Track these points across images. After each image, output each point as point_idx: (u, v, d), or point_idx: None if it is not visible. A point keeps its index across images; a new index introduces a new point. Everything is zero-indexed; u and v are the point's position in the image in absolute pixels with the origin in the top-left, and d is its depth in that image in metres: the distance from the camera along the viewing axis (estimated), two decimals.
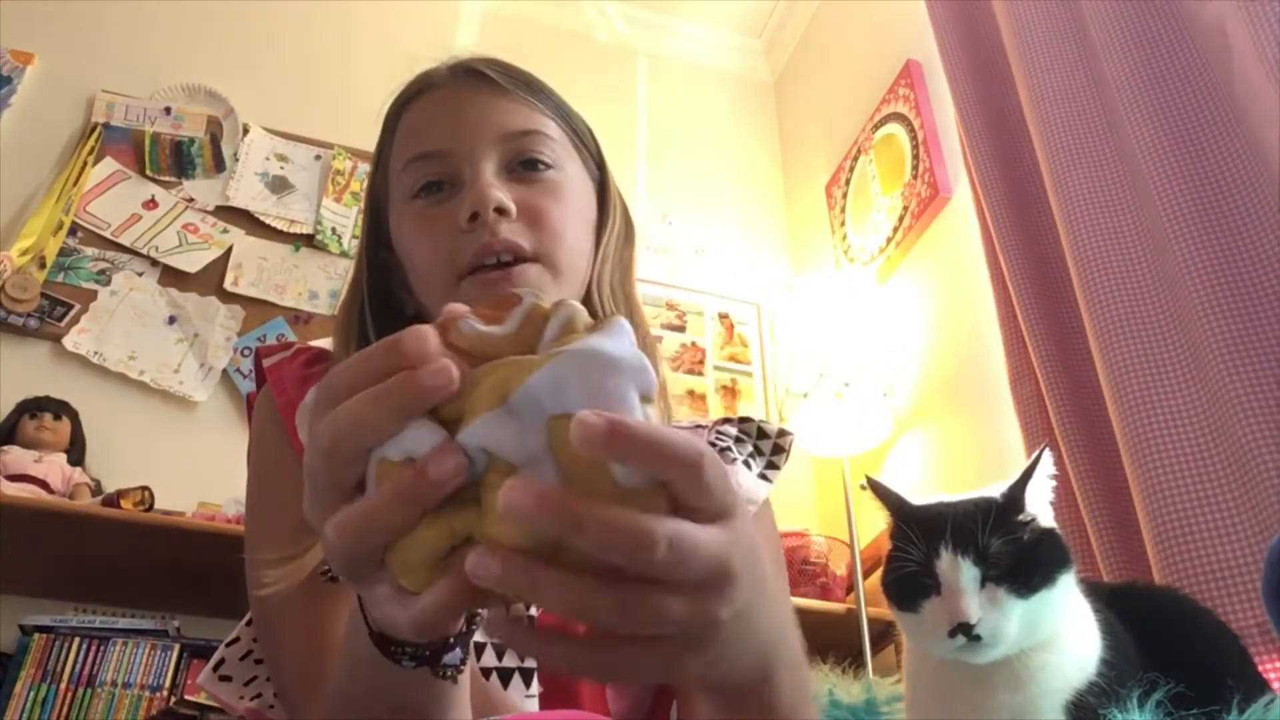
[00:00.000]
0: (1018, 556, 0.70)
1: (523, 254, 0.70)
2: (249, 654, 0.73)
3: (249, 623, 0.74)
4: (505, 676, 0.65)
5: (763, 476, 0.81)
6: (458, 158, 0.73)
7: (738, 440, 0.82)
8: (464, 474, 0.34)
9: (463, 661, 0.43)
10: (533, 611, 0.67)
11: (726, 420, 0.85)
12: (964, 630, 0.68)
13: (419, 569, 0.35)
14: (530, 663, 0.66)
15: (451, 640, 0.43)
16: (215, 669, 0.73)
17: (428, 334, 0.35)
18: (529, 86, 0.78)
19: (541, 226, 0.71)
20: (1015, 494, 0.75)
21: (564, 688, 0.67)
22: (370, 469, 0.35)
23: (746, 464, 0.80)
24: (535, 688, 0.65)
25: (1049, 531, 0.72)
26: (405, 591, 0.36)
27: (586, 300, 0.76)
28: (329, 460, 0.35)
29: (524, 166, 0.74)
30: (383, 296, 0.77)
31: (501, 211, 0.69)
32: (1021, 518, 0.73)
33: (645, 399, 0.35)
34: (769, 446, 0.83)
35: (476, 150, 0.72)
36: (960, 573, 0.70)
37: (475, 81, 0.76)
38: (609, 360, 0.34)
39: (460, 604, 0.34)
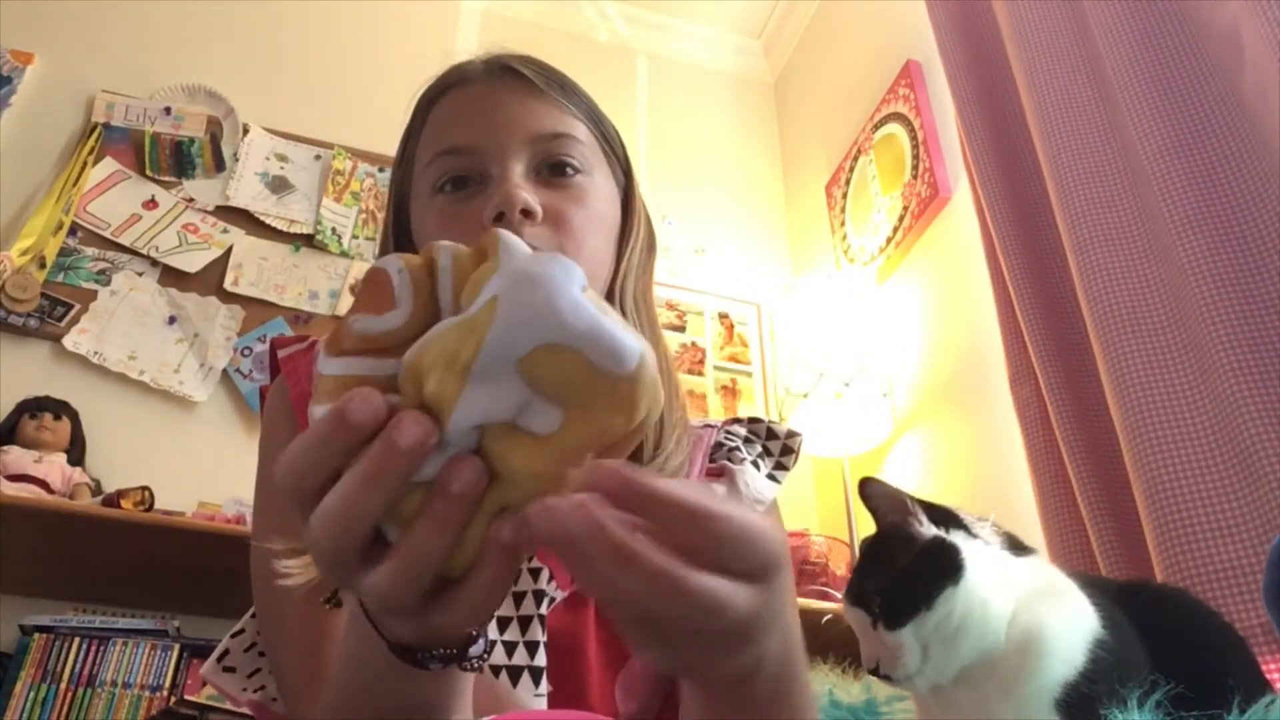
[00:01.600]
0: (886, 591, 0.70)
1: None
2: (253, 646, 0.73)
3: (254, 614, 0.73)
4: (514, 675, 0.65)
5: (771, 477, 0.80)
6: (486, 155, 0.72)
7: (746, 440, 0.82)
8: (485, 477, 0.34)
9: (487, 650, 0.43)
10: (542, 612, 0.67)
11: (735, 420, 0.84)
12: (875, 674, 0.69)
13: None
14: (539, 661, 0.66)
15: (474, 633, 0.43)
16: (219, 660, 0.73)
17: (371, 395, 0.33)
18: (563, 88, 0.78)
19: (565, 232, 0.70)
20: (877, 534, 0.75)
21: (573, 687, 0.66)
22: None
23: (755, 464, 0.79)
24: (544, 686, 0.65)
25: (920, 553, 0.70)
26: (440, 598, 0.36)
27: None
28: (339, 550, 0.34)
29: (551, 170, 0.73)
30: None
31: (527, 214, 0.69)
32: (891, 552, 0.72)
33: (584, 289, 0.34)
34: (778, 447, 0.83)
35: (506, 149, 0.72)
36: (855, 622, 0.72)
37: (509, 79, 0.76)
38: (544, 279, 0.33)
39: (507, 581, 0.34)
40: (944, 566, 0.69)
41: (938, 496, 2.16)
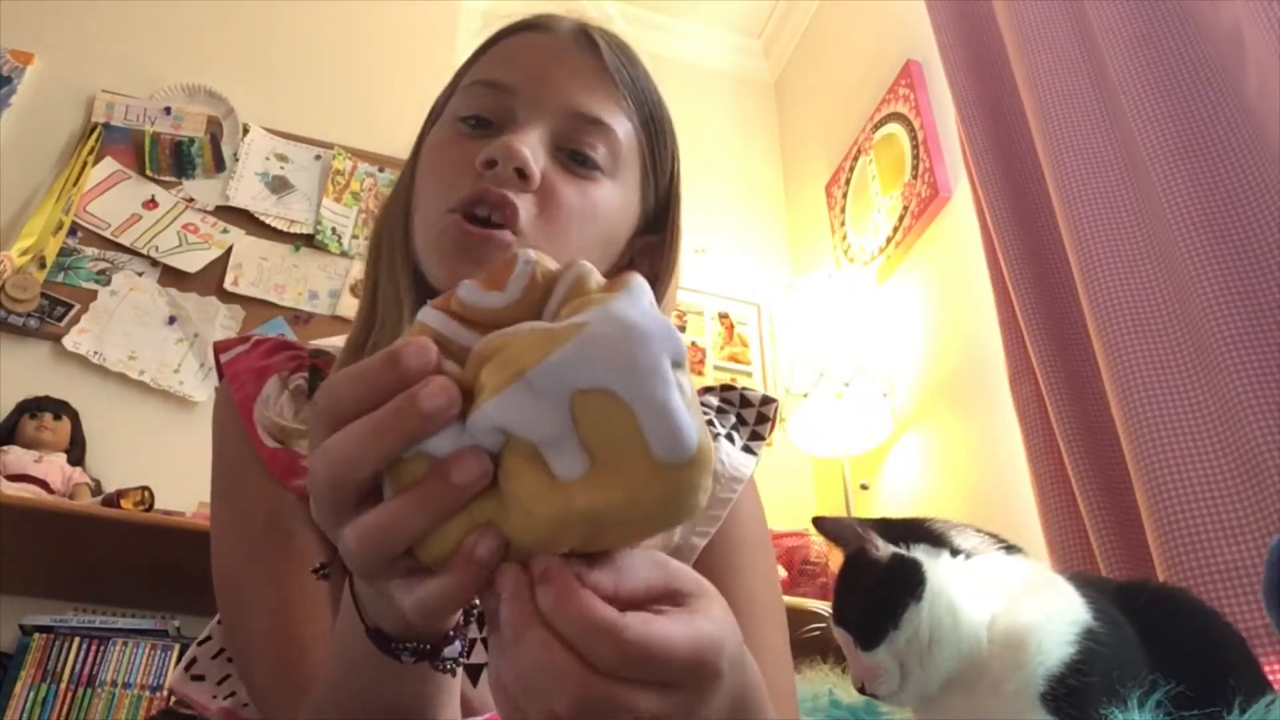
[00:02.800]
0: (858, 615, 0.71)
1: (514, 223, 0.64)
2: (221, 652, 0.72)
3: (220, 620, 0.72)
4: (473, 673, 0.64)
5: (747, 449, 0.77)
6: (519, 101, 0.68)
7: (720, 411, 0.79)
8: (488, 478, 0.33)
9: (462, 654, 0.43)
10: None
11: (708, 389, 0.81)
12: (863, 693, 0.70)
13: (447, 559, 0.34)
14: None
15: (451, 634, 0.42)
16: (187, 669, 0.71)
17: (428, 348, 0.33)
18: (631, 81, 0.73)
19: (549, 214, 0.65)
20: (845, 560, 0.75)
21: None
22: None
23: (729, 437, 0.77)
24: None
25: (881, 574, 0.71)
26: (403, 577, 0.35)
27: None
28: (334, 489, 0.34)
29: (571, 156, 0.68)
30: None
31: (522, 175, 0.64)
32: (858, 575, 0.73)
33: (677, 365, 0.33)
34: (753, 415, 0.79)
35: (539, 106, 0.68)
36: (841, 641, 0.72)
37: (585, 46, 0.72)
38: (640, 332, 0.32)
39: (465, 594, 0.34)
40: (904, 585, 0.69)
41: (938, 496, 2.16)
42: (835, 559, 2.22)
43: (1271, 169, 1.29)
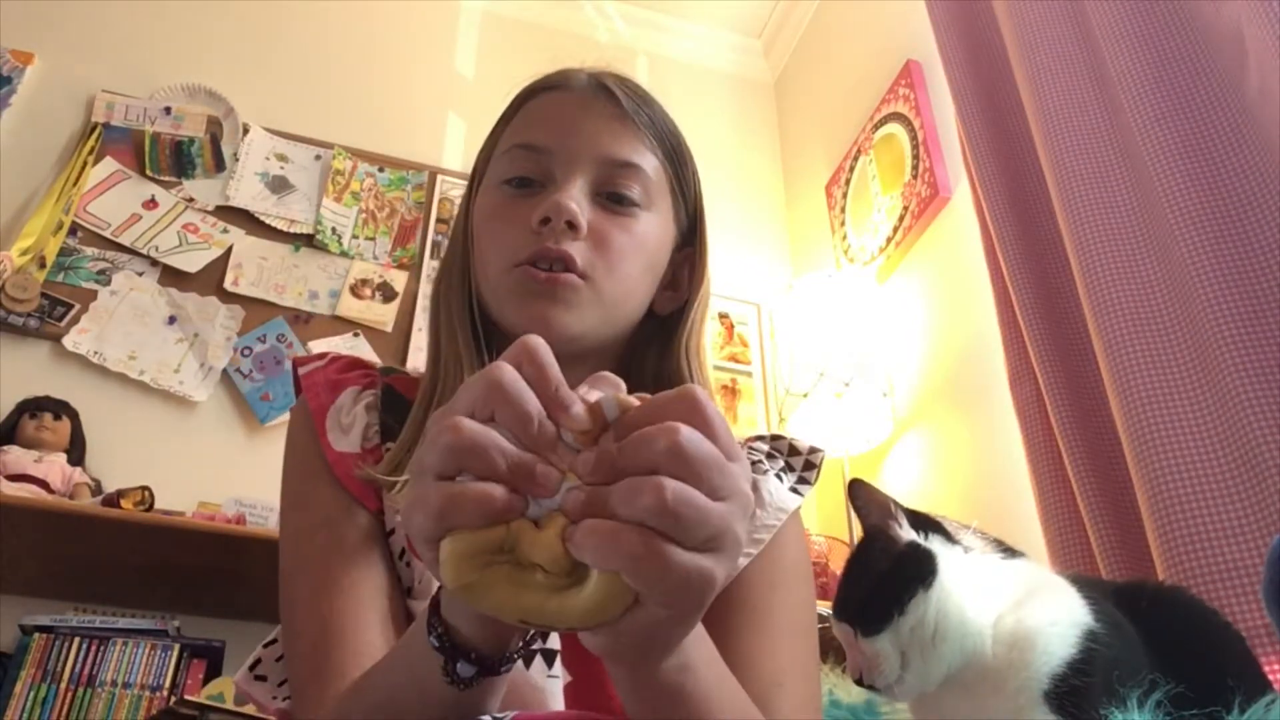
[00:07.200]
0: (863, 598, 0.71)
1: (574, 268, 0.73)
2: (284, 656, 0.75)
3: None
4: (526, 657, 0.66)
5: (794, 490, 0.82)
6: (556, 160, 0.76)
7: (769, 456, 0.84)
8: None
9: (519, 655, 0.49)
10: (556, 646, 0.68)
11: (759, 437, 0.86)
12: (860, 684, 0.70)
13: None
14: (553, 643, 0.67)
15: (512, 654, 0.48)
16: (251, 668, 0.75)
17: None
18: (652, 121, 0.81)
19: (602, 253, 0.74)
20: (860, 540, 0.76)
21: (594, 674, 0.66)
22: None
23: (778, 476, 0.81)
24: (559, 669, 0.66)
25: (895, 558, 0.72)
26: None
27: (643, 351, 0.80)
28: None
29: (610, 196, 0.76)
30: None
31: (572, 226, 0.73)
32: (870, 556, 0.73)
33: None
34: (800, 463, 0.85)
35: (575, 161, 0.76)
36: (841, 636, 0.73)
37: (603, 97, 0.80)
38: None
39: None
40: (916, 571, 0.70)
41: (938, 496, 2.16)
42: (836, 557, 2.21)
43: (1272, 169, 1.29)
